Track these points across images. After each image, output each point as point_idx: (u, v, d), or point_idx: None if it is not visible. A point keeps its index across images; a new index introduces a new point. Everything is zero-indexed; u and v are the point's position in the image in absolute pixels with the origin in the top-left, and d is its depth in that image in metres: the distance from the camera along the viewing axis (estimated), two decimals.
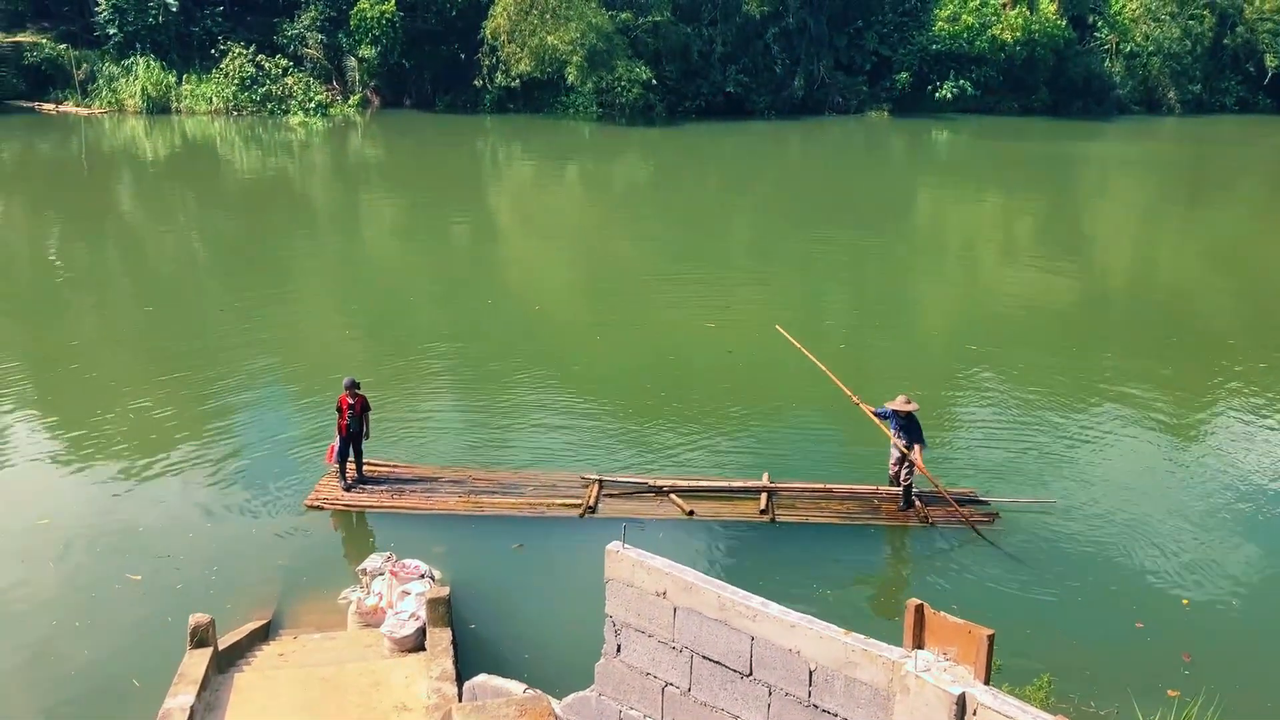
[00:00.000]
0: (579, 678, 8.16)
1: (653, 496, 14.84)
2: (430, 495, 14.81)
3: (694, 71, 60.01)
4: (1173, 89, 71.15)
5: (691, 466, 16.13)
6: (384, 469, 15.51)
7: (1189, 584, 13.09)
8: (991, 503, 14.91)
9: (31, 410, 17.87)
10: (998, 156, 53.08)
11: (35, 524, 13.94)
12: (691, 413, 18.30)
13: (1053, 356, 22.00)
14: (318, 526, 14.34)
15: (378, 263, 30.07)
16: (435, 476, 15.36)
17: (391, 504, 14.63)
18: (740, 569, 13.15)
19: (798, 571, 13.22)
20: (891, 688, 6.32)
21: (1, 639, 11.58)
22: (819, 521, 14.41)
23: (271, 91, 56.01)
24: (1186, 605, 12.61)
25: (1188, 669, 11.13)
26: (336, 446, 14.73)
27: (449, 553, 13.36)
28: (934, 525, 14.40)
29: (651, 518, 14.26)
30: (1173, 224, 39.27)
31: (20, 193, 38.96)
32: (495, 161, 50.26)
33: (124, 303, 24.80)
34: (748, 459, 16.37)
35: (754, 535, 14.18)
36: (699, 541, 13.94)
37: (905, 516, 14.56)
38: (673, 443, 17.14)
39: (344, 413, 14.54)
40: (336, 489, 14.86)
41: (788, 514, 14.51)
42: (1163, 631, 12.03)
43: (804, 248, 32.39)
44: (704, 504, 14.67)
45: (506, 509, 14.48)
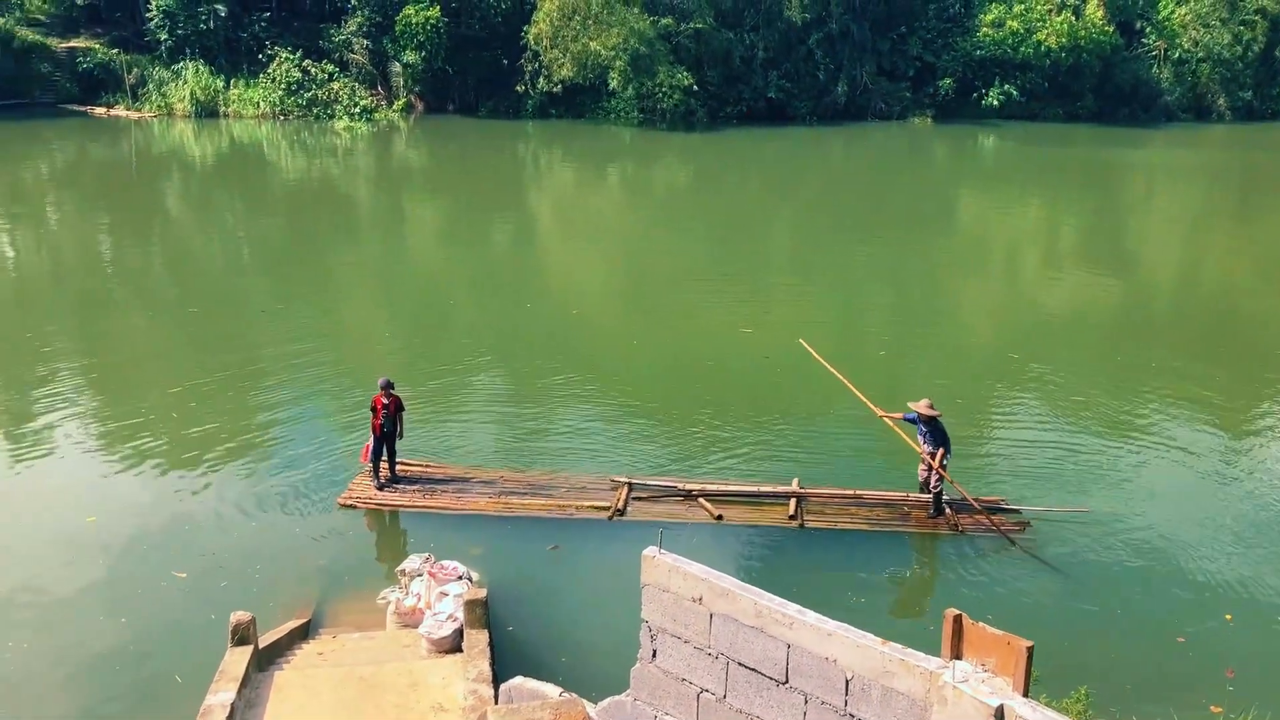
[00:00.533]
0: (614, 682, 8.17)
1: (682, 500, 14.86)
2: (461, 496, 14.93)
3: (735, 77, 60.00)
4: (1223, 96, 70.11)
5: (724, 471, 16.12)
6: (416, 469, 15.66)
7: (1232, 599, 12.87)
8: (1022, 511, 14.76)
9: (77, 409, 18.18)
10: (1042, 163, 52.55)
11: (83, 522, 14.18)
12: (725, 418, 18.29)
13: (1096, 366, 21.74)
14: (357, 527, 14.49)
15: (419, 266, 30.32)
16: (467, 477, 15.49)
17: (423, 504, 14.77)
18: (769, 574, 13.13)
19: (827, 578, 13.18)
20: (929, 698, 6.27)
21: (50, 633, 11.79)
22: (848, 528, 14.35)
23: (317, 96, 56.75)
24: (1230, 620, 12.39)
25: (1231, 685, 10.93)
26: (371, 446, 14.91)
27: (486, 554, 13.43)
28: (964, 533, 14.28)
29: (680, 522, 14.25)
30: (1221, 233, 38.63)
31: (72, 194, 39.71)
32: (536, 166, 50.50)
33: (170, 303, 25.16)
34: (780, 465, 16.34)
35: (783, 541, 14.15)
36: (728, 546, 13.93)
37: (935, 524, 14.45)
38: (705, 447, 17.15)
39: (378, 412, 14.70)
40: (369, 488, 15.04)
41: (817, 520, 14.48)
42: (1205, 646, 11.83)
43: (845, 254, 32.26)
44: (733, 509, 14.66)
45: (536, 510, 14.57)
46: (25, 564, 13.14)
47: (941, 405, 14.61)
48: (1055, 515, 14.67)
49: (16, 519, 14.29)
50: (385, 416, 14.71)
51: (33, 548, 13.52)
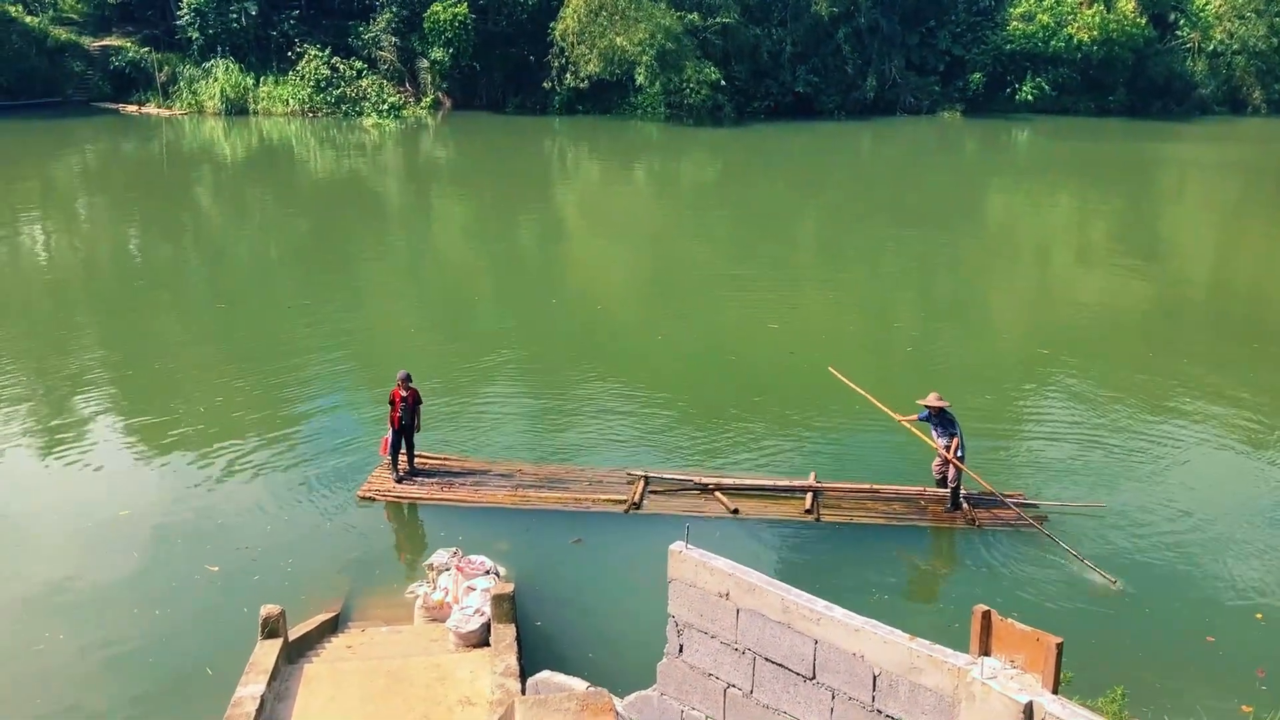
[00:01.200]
0: (641, 676, 8.17)
1: (698, 494, 14.90)
2: (479, 489, 15.04)
3: (763, 72, 59.77)
4: (1258, 88, 69.17)
5: (744, 466, 16.10)
6: (435, 462, 15.78)
7: (1262, 598, 12.72)
8: (1040, 505, 14.70)
9: (108, 404, 18.39)
10: (1073, 158, 52.02)
11: (117, 515, 14.34)
12: (747, 413, 18.27)
13: (1127, 361, 21.53)
14: (385, 521, 14.61)
15: (446, 261, 30.44)
16: (485, 470, 15.61)
17: (441, 496, 14.88)
18: (787, 569, 13.11)
19: (844, 572, 13.17)
20: (957, 694, 6.24)
21: (83, 625, 11.93)
22: (864, 522, 14.35)
23: (346, 93, 57.04)
24: (1260, 619, 12.25)
25: (1263, 685, 10.80)
26: (389, 439, 15.02)
27: (514, 549, 13.48)
28: (981, 528, 14.22)
29: (696, 515, 14.25)
30: (1256, 228, 38.12)
31: (104, 191, 40.15)
32: (563, 162, 50.55)
33: (200, 299, 25.41)
34: (801, 459, 16.32)
35: (800, 535, 14.15)
36: (744, 540, 13.88)
37: (951, 518, 14.41)
38: (726, 442, 17.15)
39: (396, 405, 14.82)
40: (388, 481, 15.17)
41: (832, 514, 14.49)
42: (1235, 646, 11.69)
43: (874, 249, 32.09)
44: (749, 502, 14.70)
45: (552, 503, 14.65)
46: (59, 557, 13.30)
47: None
48: (1077, 511, 14.55)
49: (51, 512, 14.45)
50: (404, 409, 14.82)
51: (67, 541, 13.68)
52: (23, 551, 13.47)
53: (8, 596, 12.45)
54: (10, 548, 13.55)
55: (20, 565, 13.13)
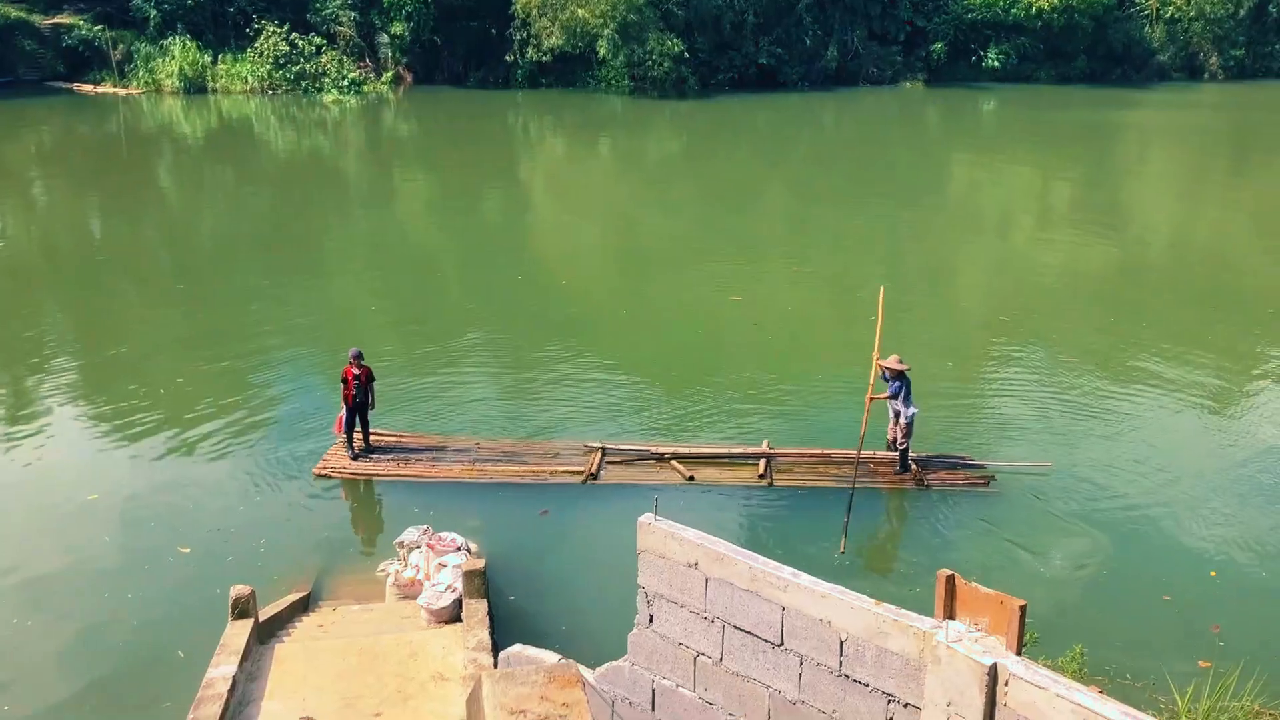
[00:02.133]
0: (614, 647, 8.24)
1: (654, 463, 15.07)
2: (435, 464, 15.10)
3: (726, 44, 59.59)
4: (1215, 54, 69.86)
5: (708, 435, 16.27)
6: (391, 438, 15.82)
7: (1217, 556, 12.99)
8: (987, 465, 15.01)
9: (71, 387, 18.21)
10: (1035, 126, 52.39)
11: (85, 499, 14.24)
12: (711, 384, 18.39)
13: (1088, 326, 21.81)
14: (357, 499, 14.61)
15: (409, 238, 30.23)
16: (442, 445, 15.68)
17: (397, 472, 14.94)
18: (742, 535, 13.32)
19: (799, 535, 13.34)
20: (923, 658, 6.34)
21: (54, 610, 11.86)
22: (816, 485, 14.59)
23: (305, 70, 56.30)
24: (1214, 576, 12.52)
25: (1220, 641, 11.05)
26: (344, 417, 15.05)
27: (485, 525, 13.51)
28: (930, 488, 14.54)
29: (653, 484, 14.41)
30: (1214, 192, 38.64)
31: (60, 173, 39.46)
32: (527, 136, 50.27)
33: (161, 280, 25.12)
34: (762, 427, 16.47)
35: (757, 501, 14.35)
36: (703, 509, 13.99)
37: (902, 480, 14.74)
38: (690, 413, 17.29)
39: (350, 383, 14.85)
40: (344, 458, 15.19)
41: (786, 478, 14.75)
42: (1191, 604, 11.95)
43: (838, 219, 32.20)
44: (704, 470, 14.91)
45: (510, 476, 14.75)
46: (29, 542, 13.21)
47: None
48: (1028, 472, 14.81)
49: (18, 498, 14.35)
50: (357, 387, 14.87)
51: (36, 526, 13.59)
52: None
53: None
54: None
55: None
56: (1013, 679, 5.95)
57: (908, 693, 6.46)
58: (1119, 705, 5.64)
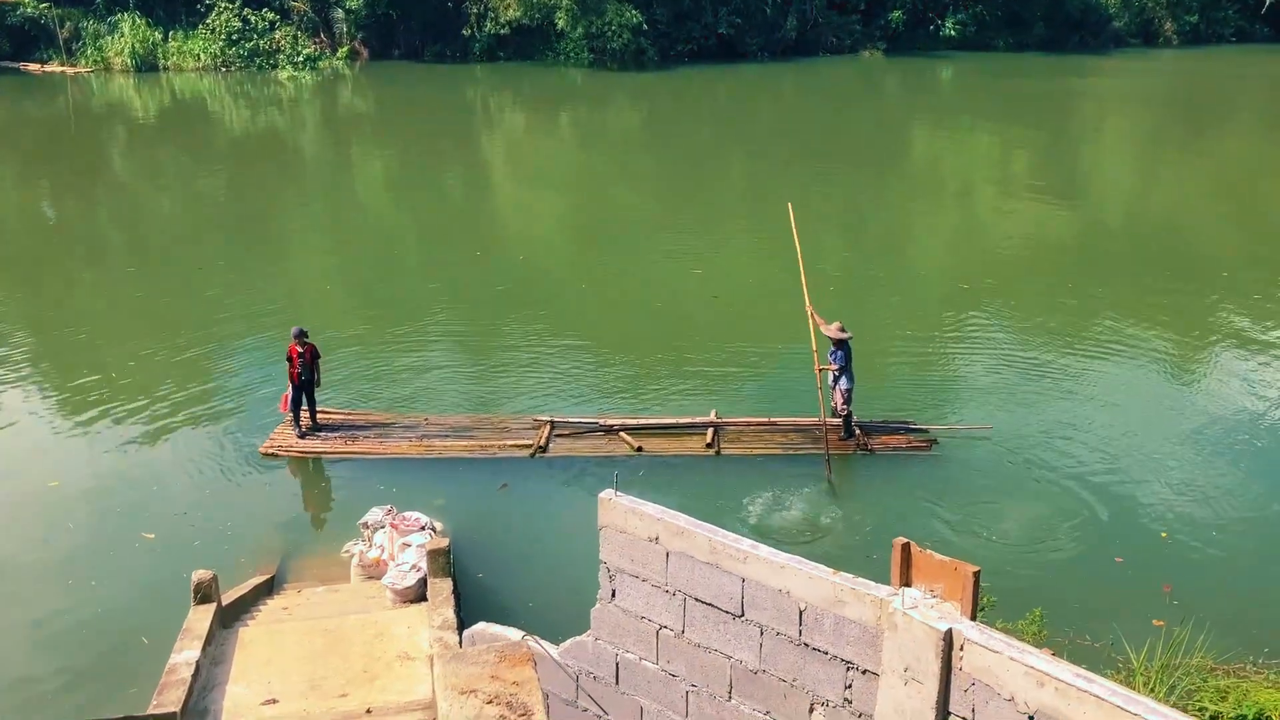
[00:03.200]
0: (580, 622, 8.28)
1: (603, 435, 15.15)
2: (383, 441, 15.11)
3: (685, 14, 59.31)
4: (1170, 20, 70.48)
5: (666, 407, 16.33)
6: (339, 417, 15.81)
7: (1168, 517, 13.20)
8: (930, 430, 15.23)
9: (24, 372, 17.97)
10: (994, 93, 52.69)
11: (46, 486, 14.09)
12: (669, 356, 18.51)
13: (1045, 292, 22.04)
14: (324, 480, 14.52)
15: (367, 216, 29.98)
16: (390, 422, 15.69)
17: (345, 450, 14.95)
18: (688, 502, 13.33)
19: (744, 502, 13.42)
20: (880, 625, 6.43)
21: (16, 598, 11.77)
22: (762, 453, 14.76)
23: (259, 46, 55.53)
24: (1165, 538, 12.73)
25: (1172, 600, 11.26)
26: (290, 395, 15.01)
27: (449, 504, 13.50)
28: (873, 452, 14.77)
29: (601, 456, 14.61)
30: (1171, 157, 39.09)
31: (8, 155, 38.72)
32: (486, 111, 49.88)
33: (114, 264, 24.81)
34: (717, 397, 16.60)
35: (707, 470, 14.46)
36: (649, 477, 14.07)
37: (845, 445, 14.92)
38: (646, 385, 17.40)
39: (295, 361, 14.81)
40: (291, 436, 15.16)
41: (732, 447, 14.91)
42: (1143, 565, 12.13)
43: (799, 190, 32.19)
44: (653, 440, 15.03)
45: (457, 451, 14.81)
46: None
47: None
48: (981, 436, 15.01)
49: None
50: (302, 365, 14.83)
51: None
52: None
53: None
54: None
55: None
56: (968, 644, 6.05)
57: (866, 659, 6.55)
58: (1071, 667, 5.75)
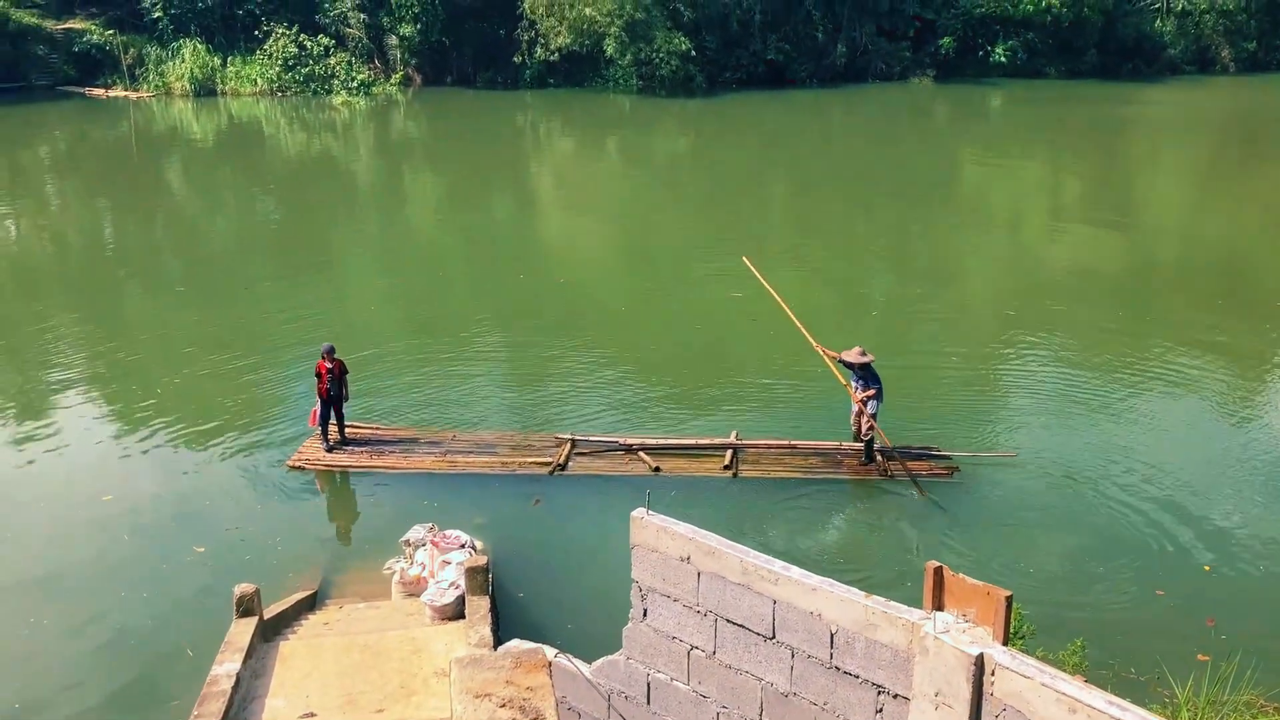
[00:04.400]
0: (617, 642, 8.31)
1: (623, 455, 15.24)
2: (408, 455, 15.36)
3: (734, 41, 59.55)
4: (1227, 47, 69.53)
5: (691, 426, 16.39)
6: (367, 431, 16.10)
7: (1210, 550, 12.93)
8: (953, 456, 15.04)
9: (82, 389, 18.40)
10: (1046, 121, 52.19)
11: (100, 500, 14.37)
12: (703, 377, 18.63)
13: (1094, 320, 21.76)
14: (372, 497, 14.71)
15: (416, 238, 30.42)
16: (415, 438, 15.94)
17: (369, 464, 15.21)
18: (707, 524, 13.31)
19: (766, 525, 13.42)
20: (911, 649, 6.40)
21: (70, 609, 12.00)
22: (781, 476, 14.69)
23: (314, 71, 56.61)
24: (1208, 571, 12.48)
25: (1216, 634, 11.03)
26: (318, 410, 15.28)
27: (491, 522, 13.60)
28: (893, 478, 14.60)
29: (619, 474, 14.72)
30: (1226, 186, 38.41)
31: (73, 177, 39.79)
32: (535, 136, 50.40)
33: (169, 283, 25.34)
34: (745, 419, 16.57)
35: (734, 489, 14.43)
36: (668, 498, 14.07)
37: (867, 471, 14.80)
38: (677, 404, 17.51)
39: (323, 378, 15.08)
40: (319, 450, 15.44)
41: (751, 470, 14.89)
42: (1184, 597, 11.91)
43: (846, 215, 32.24)
44: (671, 461, 15.06)
45: (479, 467, 15.02)
46: (44, 543, 13.34)
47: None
48: (1010, 462, 14.81)
49: (34, 500, 14.46)
50: (330, 380, 15.10)
51: (51, 528, 13.72)
52: (7, 537, 13.49)
53: None
54: None
55: (4, 551, 13.16)
56: (999, 669, 6.00)
57: (897, 684, 6.51)
58: (1104, 694, 5.68)
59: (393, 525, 14.01)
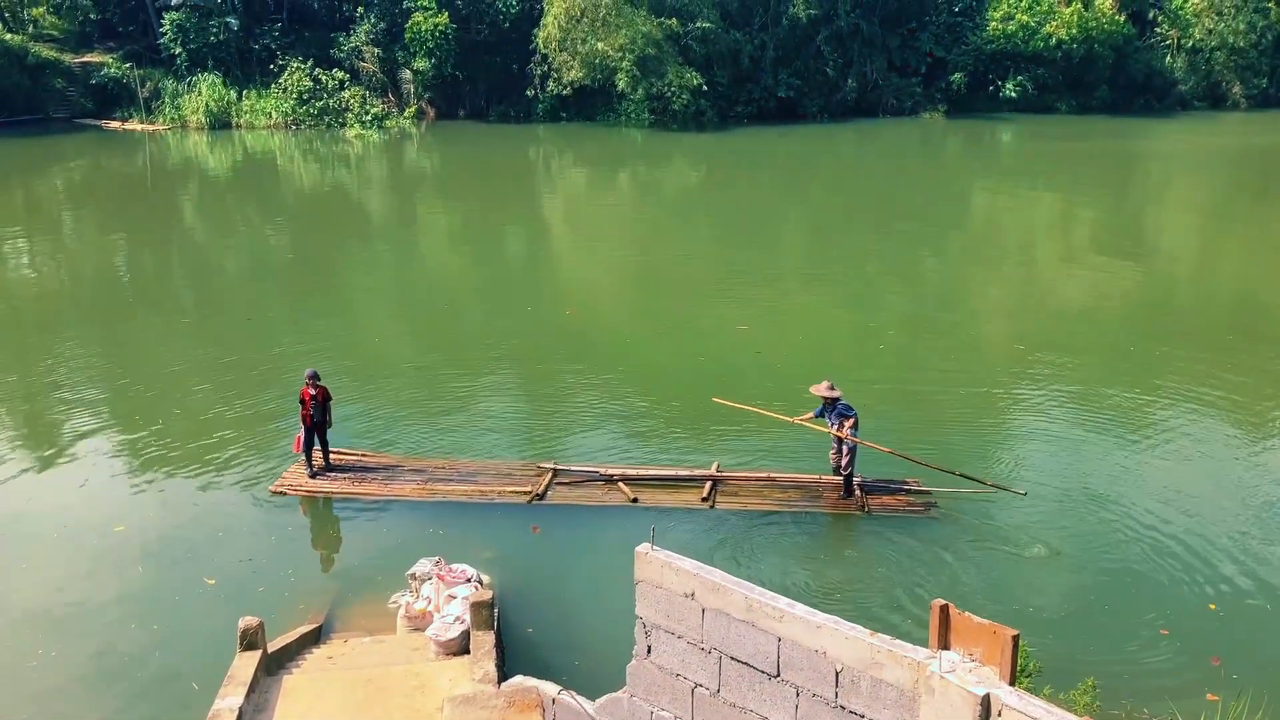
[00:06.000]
0: (620, 678, 8.24)
1: (602, 485, 15.26)
2: (389, 483, 15.42)
3: (745, 77, 60.02)
4: (1238, 84, 69.69)
5: (683, 457, 16.38)
6: (351, 457, 16.22)
7: (1215, 589, 12.79)
8: (933, 493, 14.92)
9: (95, 420, 18.41)
10: (1056, 156, 52.29)
11: (111, 531, 14.36)
12: (701, 408, 18.43)
13: (1104, 356, 21.68)
14: (383, 528, 14.63)
15: (425, 271, 30.51)
16: (398, 465, 16.04)
17: (351, 490, 15.30)
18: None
19: (744, 560, 13.38)
20: (917, 688, 6.33)
21: (79, 641, 11.96)
22: (758, 509, 14.66)
23: (329, 105, 57.12)
24: (1214, 609, 12.33)
25: (1231, 674, 10.89)
26: (302, 437, 15.40)
27: (498, 556, 13.53)
28: (871, 513, 14.51)
29: (597, 505, 14.79)
30: (1238, 223, 38.31)
31: (89, 208, 40.12)
32: (548, 170, 50.68)
33: (182, 313, 25.46)
34: (737, 451, 16.59)
35: (700, 522, 14.39)
36: (646, 529, 13.99)
37: (846, 505, 14.75)
38: (671, 435, 17.50)
39: (307, 404, 15.20)
40: (302, 476, 15.56)
41: (729, 502, 14.89)
42: (1189, 636, 11.76)
43: (857, 249, 32.26)
44: (649, 492, 15.08)
45: (458, 495, 15.08)
46: (54, 573, 13.30)
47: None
48: (1017, 496, 14.62)
49: (45, 530, 14.43)
50: (314, 407, 15.22)
51: (62, 557, 13.68)
52: (18, 569, 13.47)
53: (4, 613, 12.48)
54: (4, 566, 13.52)
55: (16, 582, 13.13)
56: (1005, 709, 5.94)
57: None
58: None
59: (399, 558, 13.97)
